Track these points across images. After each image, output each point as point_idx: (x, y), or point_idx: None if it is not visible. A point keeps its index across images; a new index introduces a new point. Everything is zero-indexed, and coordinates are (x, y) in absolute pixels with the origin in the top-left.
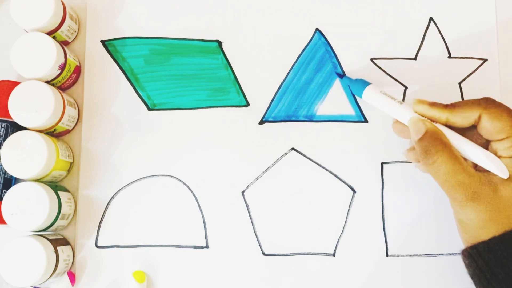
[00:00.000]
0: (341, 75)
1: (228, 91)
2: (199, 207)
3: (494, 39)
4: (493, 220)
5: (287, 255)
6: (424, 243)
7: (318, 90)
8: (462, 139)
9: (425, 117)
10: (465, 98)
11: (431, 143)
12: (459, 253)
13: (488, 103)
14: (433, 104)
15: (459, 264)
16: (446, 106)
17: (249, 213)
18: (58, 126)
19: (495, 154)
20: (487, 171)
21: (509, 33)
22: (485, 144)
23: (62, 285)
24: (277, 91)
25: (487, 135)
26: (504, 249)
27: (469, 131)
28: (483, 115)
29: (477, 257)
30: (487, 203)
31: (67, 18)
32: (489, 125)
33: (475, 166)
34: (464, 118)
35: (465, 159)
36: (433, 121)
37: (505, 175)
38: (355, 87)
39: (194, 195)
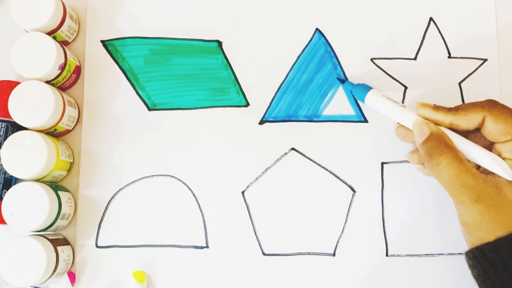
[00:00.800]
0: (343, 80)
1: (228, 91)
2: (199, 207)
3: (494, 39)
4: (498, 222)
5: (287, 255)
6: (424, 243)
7: (318, 90)
8: (466, 142)
9: (429, 121)
10: (465, 98)
11: (435, 145)
12: (459, 253)
13: (491, 106)
14: (437, 108)
15: (459, 264)
16: (450, 109)
17: (249, 213)
18: (58, 126)
19: (500, 155)
20: (492, 173)
21: (509, 33)
22: (489, 146)
23: (62, 285)
24: (277, 91)
25: (491, 137)
26: (510, 250)
27: (472, 133)
28: (487, 118)
29: (482, 258)
30: (492, 205)
31: (67, 18)
32: (493, 127)
33: (479, 168)
34: (468, 121)
35: (469, 161)
36: (437, 125)
37: (510, 177)
38: (357, 92)
39: (194, 195)
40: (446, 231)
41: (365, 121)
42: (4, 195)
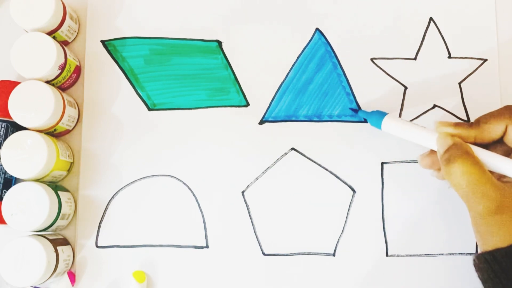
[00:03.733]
0: (356, 110)
1: (228, 91)
2: (199, 207)
3: (494, 39)
4: None
5: (287, 255)
6: (424, 243)
7: (318, 90)
8: (492, 155)
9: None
10: (465, 98)
11: (455, 153)
12: (459, 253)
13: None
14: (458, 125)
15: (459, 264)
16: (471, 125)
17: (249, 213)
18: (58, 126)
19: None
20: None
21: (509, 33)
22: (507, 153)
23: (62, 285)
24: (277, 91)
25: None
26: None
27: (491, 143)
28: (510, 126)
29: (494, 262)
30: (510, 216)
31: (67, 18)
32: None
33: (497, 176)
34: (491, 133)
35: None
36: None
37: None
38: (372, 120)
39: (194, 195)
40: (446, 231)
41: (365, 121)
42: (4, 195)
